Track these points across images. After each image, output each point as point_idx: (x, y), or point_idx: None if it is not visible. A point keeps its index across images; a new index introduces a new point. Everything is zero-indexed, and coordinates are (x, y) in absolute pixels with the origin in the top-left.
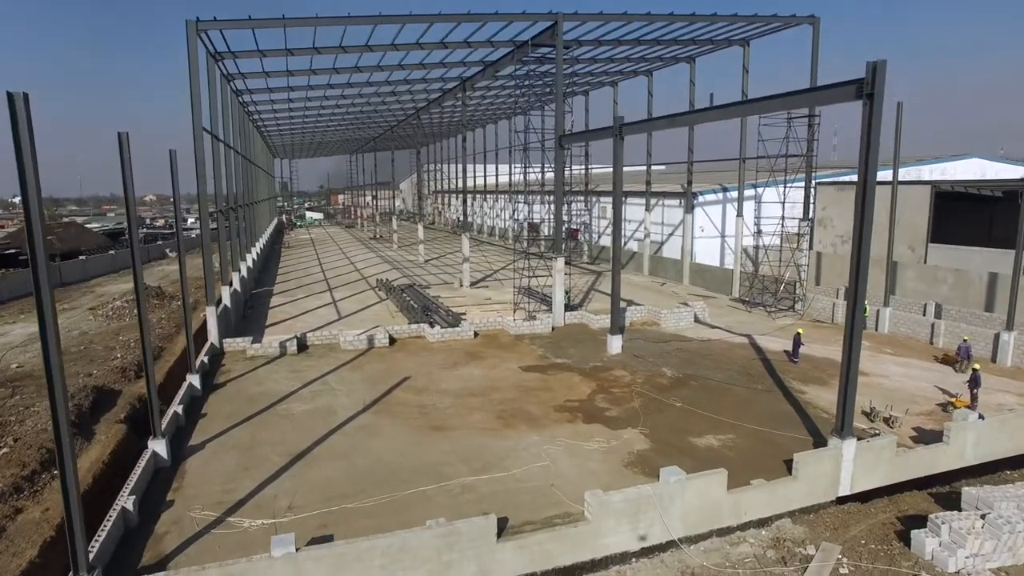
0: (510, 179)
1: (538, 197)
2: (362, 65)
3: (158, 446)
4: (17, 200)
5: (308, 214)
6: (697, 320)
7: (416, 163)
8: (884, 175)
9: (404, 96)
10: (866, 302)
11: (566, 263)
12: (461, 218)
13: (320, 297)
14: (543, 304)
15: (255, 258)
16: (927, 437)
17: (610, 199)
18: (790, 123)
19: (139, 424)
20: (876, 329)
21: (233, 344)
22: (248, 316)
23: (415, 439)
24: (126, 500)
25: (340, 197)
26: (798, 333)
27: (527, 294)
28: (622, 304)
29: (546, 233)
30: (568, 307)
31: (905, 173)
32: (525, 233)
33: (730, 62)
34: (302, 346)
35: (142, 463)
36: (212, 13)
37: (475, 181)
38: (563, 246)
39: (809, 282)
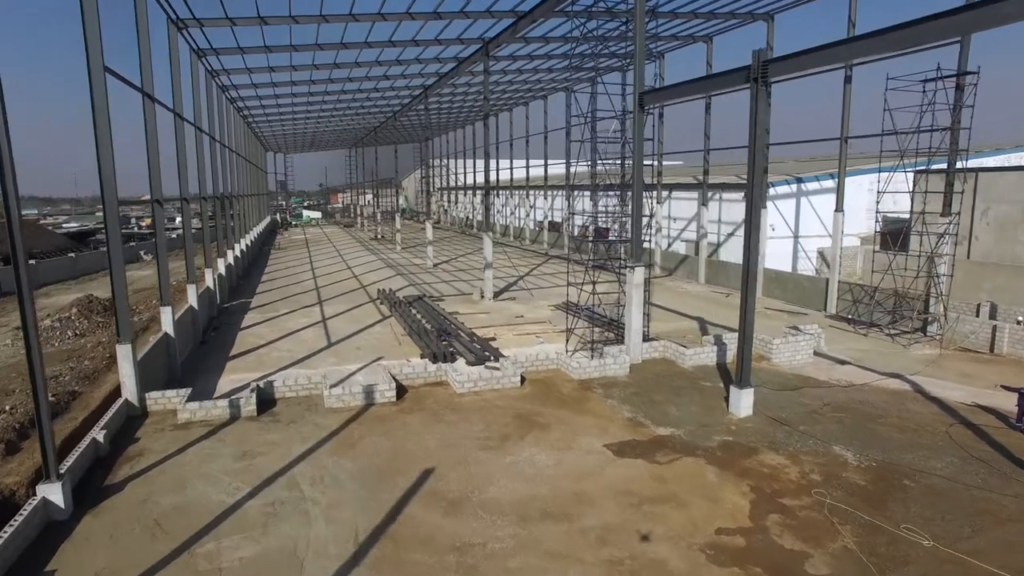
0: (527, 171)
1: (566, 190)
2: (358, 11)
3: None
4: None
5: (305, 212)
6: (816, 352)
7: (424, 154)
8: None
9: (412, 67)
10: None
11: (601, 268)
12: (470, 217)
13: (308, 313)
14: (595, 324)
15: (231, 263)
16: None
17: (650, 192)
18: (929, 84)
19: None
20: None
21: (161, 400)
22: (209, 341)
23: None
24: None
25: (340, 195)
26: None
27: (582, 314)
28: (713, 331)
29: (571, 233)
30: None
31: None
32: (560, 230)
33: (809, 25)
34: (266, 401)
35: None
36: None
37: (479, 176)
38: (640, 251)
39: (951, 297)
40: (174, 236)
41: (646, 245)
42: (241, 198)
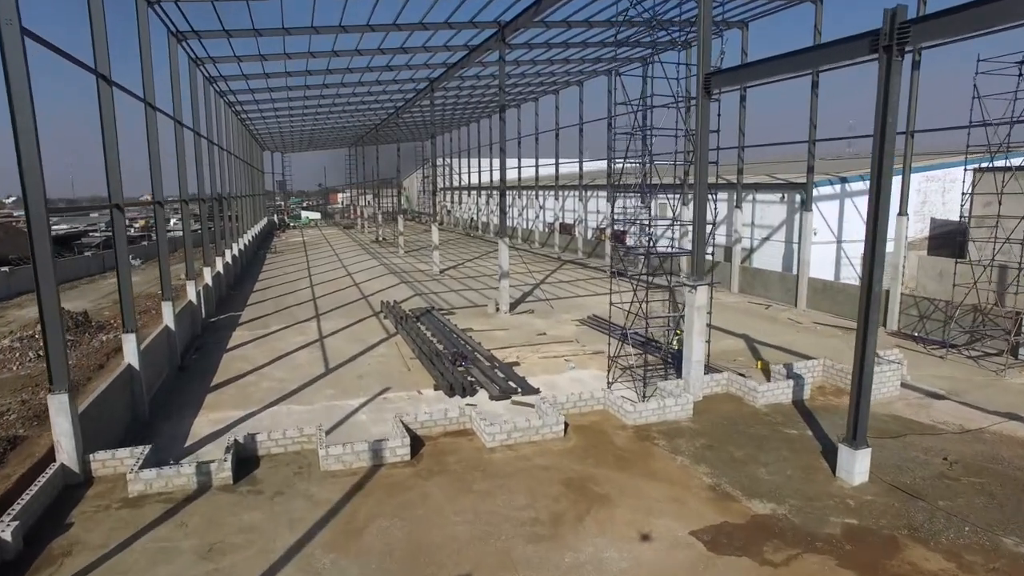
0: (536, 171)
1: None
2: None
3: None
4: (8, 200)
5: (304, 213)
6: (902, 383)
7: (429, 152)
8: None
9: (418, 57)
10: None
11: (622, 275)
12: (474, 218)
13: (303, 329)
14: (643, 351)
15: (221, 272)
16: None
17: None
18: None
19: None
20: None
21: (111, 463)
22: (189, 367)
23: None
24: None
25: (339, 196)
26: None
27: (620, 335)
28: (764, 351)
29: (585, 236)
30: (679, 356)
31: None
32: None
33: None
34: (247, 459)
35: None
36: None
37: (484, 175)
38: (703, 266)
39: None
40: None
41: (666, 249)
42: (235, 199)
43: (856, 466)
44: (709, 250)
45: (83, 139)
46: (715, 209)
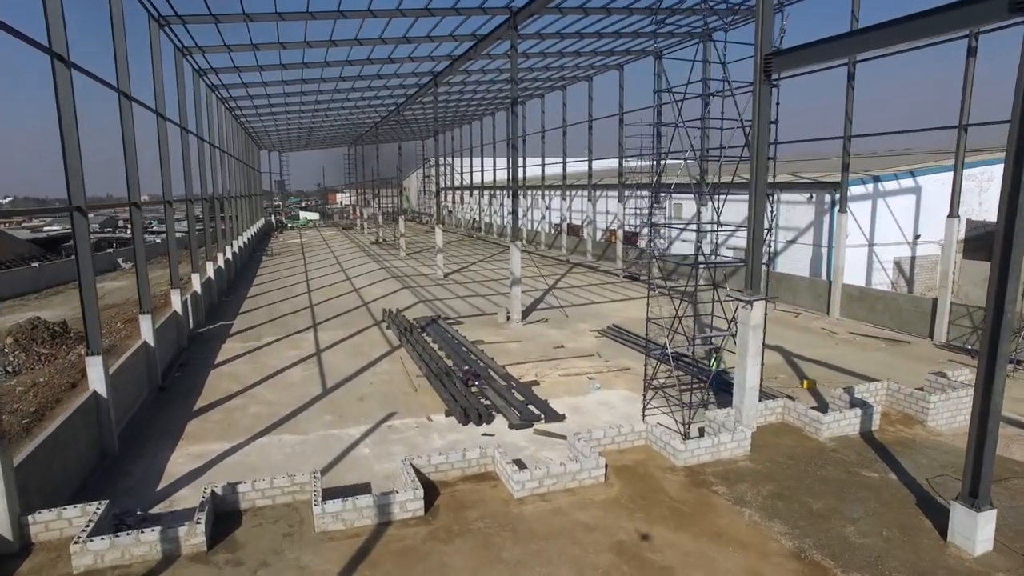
0: (543, 170)
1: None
2: None
3: None
4: (6, 200)
5: (302, 214)
6: None
7: (435, 149)
8: None
9: (422, 48)
10: None
11: (634, 278)
12: (476, 219)
13: (298, 341)
14: (685, 372)
15: (212, 277)
16: None
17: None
18: None
19: None
20: None
21: (56, 524)
22: (171, 387)
23: None
24: None
25: (339, 196)
26: None
27: (660, 355)
28: (803, 366)
29: (594, 237)
30: (724, 378)
31: None
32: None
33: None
34: (226, 514)
35: None
36: None
37: (487, 175)
38: (761, 278)
39: None
40: (159, 241)
41: (678, 251)
42: (229, 200)
43: (979, 532)
44: (728, 254)
45: (86, 137)
46: (774, 212)
